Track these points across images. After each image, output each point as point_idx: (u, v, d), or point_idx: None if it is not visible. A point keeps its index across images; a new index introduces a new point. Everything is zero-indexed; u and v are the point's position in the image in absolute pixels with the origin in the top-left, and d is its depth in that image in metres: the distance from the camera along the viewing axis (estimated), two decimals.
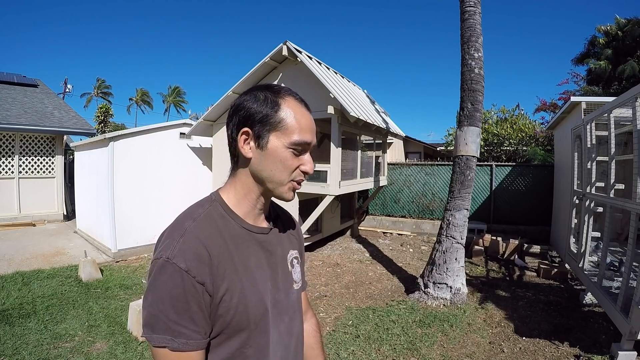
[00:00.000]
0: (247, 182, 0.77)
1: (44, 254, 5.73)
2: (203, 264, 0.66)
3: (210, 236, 0.70)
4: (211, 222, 0.72)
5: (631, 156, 3.02)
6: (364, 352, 3.12)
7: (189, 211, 0.75)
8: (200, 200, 0.79)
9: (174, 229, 0.71)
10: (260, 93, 0.75)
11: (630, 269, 2.94)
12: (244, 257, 0.74)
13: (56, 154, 8.74)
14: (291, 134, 0.73)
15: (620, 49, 11.19)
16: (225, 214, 0.75)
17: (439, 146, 15.34)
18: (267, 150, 0.73)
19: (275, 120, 0.73)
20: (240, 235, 0.75)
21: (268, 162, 0.74)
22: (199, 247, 0.67)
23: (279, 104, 0.74)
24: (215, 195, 0.78)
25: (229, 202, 0.77)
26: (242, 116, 0.74)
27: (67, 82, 24.38)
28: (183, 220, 0.72)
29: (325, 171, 5.60)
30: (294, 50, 5.58)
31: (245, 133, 0.73)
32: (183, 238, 0.67)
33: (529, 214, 8.04)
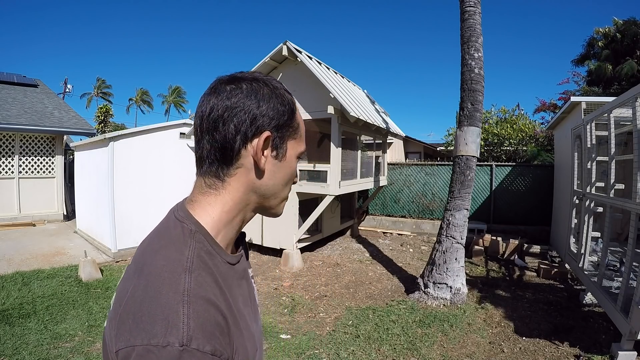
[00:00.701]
0: (244, 200, 0.60)
1: (44, 254, 5.73)
2: (225, 334, 0.49)
3: (215, 292, 0.51)
4: (207, 269, 0.53)
5: (631, 156, 3.02)
6: (364, 352, 3.12)
7: (168, 256, 0.51)
8: (169, 230, 0.56)
9: (159, 293, 0.46)
10: (265, 87, 0.60)
11: (630, 269, 2.94)
12: (236, 301, 0.57)
13: (56, 154, 8.74)
14: (302, 141, 0.65)
15: (619, 50, 11.21)
16: (212, 250, 0.56)
17: (439, 146, 15.34)
18: (284, 161, 0.62)
19: (294, 125, 0.63)
20: (227, 273, 0.57)
21: (281, 175, 0.62)
22: (215, 314, 0.48)
23: (294, 103, 0.64)
24: (191, 221, 0.56)
25: (212, 229, 0.57)
26: (256, 116, 0.58)
27: (67, 82, 24.38)
28: (171, 276, 0.48)
29: (325, 171, 5.61)
30: (294, 50, 5.58)
31: (267, 139, 0.58)
32: (191, 307, 0.46)
33: (529, 214, 8.05)
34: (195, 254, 0.52)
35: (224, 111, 0.57)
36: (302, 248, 6.07)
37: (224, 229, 0.59)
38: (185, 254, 0.51)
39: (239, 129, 0.57)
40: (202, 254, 0.54)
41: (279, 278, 5.13)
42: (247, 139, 0.57)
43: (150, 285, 0.47)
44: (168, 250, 0.52)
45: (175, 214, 0.59)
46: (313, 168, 5.76)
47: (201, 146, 0.59)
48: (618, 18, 11.43)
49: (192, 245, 0.53)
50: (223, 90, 0.58)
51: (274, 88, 0.61)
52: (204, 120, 0.58)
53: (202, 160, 0.60)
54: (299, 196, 5.87)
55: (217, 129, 0.57)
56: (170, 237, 0.54)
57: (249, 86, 0.59)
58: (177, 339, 0.43)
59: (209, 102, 0.58)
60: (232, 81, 0.59)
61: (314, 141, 7.13)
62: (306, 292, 4.58)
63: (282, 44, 5.63)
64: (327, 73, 6.32)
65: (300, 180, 5.83)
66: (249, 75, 0.61)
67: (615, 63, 11.10)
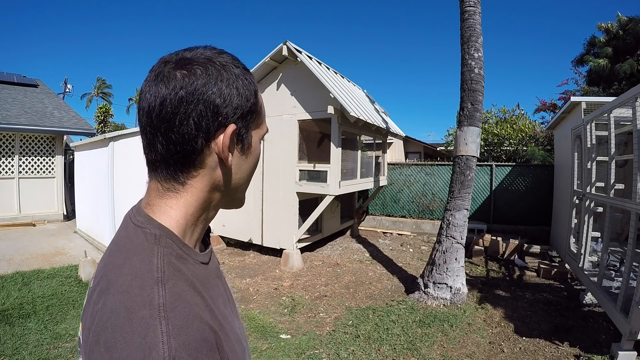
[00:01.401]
0: (208, 199, 0.53)
1: (44, 254, 5.73)
2: (214, 350, 0.43)
3: (195, 302, 0.45)
4: (181, 276, 0.46)
5: (631, 156, 3.02)
6: (364, 352, 3.12)
7: (134, 267, 0.44)
8: (134, 240, 0.48)
9: (130, 310, 0.40)
10: (224, 70, 0.50)
11: (630, 269, 2.94)
12: (217, 304, 0.51)
13: (56, 154, 8.74)
14: (264, 124, 0.58)
15: (621, 47, 11.16)
16: (183, 253, 0.49)
17: (439, 146, 15.34)
18: (250, 150, 0.55)
19: (258, 109, 0.55)
20: (202, 275, 0.51)
21: (247, 166, 0.56)
22: (200, 327, 0.43)
23: (255, 84, 0.55)
24: (153, 225, 0.49)
25: (179, 231, 0.50)
26: (219, 107, 0.49)
27: (67, 82, 24.42)
28: (141, 290, 0.42)
29: (325, 171, 5.61)
30: (294, 50, 5.58)
31: (234, 134, 0.51)
32: (170, 323, 0.40)
33: (529, 214, 8.05)
34: (165, 261, 0.46)
35: (178, 105, 0.47)
36: (302, 248, 6.07)
37: (189, 231, 0.52)
38: (154, 263, 0.45)
39: (200, 126, 0.47)
40: (173, 259, 0.47)
41: (279, 278, 5.13)
42: (210, 136, 0.49)
43: (120, 305, 0.41)
44: (133, 262, 0.45)
45: (132, 220, 0.51)
46: (313, 168, 5.76)
47: (154, 149, 0.50)
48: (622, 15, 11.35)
49: (160, 251, 0.46)
50: (173, 77, 0.47)
51: (233, 67, 0.51)
52: (154, 117, 0.48)
53: (155, 164, 0.51)
54: (299, 196, 5.87)
55: (173, 128, 0.47)
56: (133, 247, 0.47)
57: (204, 70, 0.48)
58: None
59: (157, 93, 0.47)
60: (182, 65, 0.49)
61: (314, 141, 7.13)
62: (306, 292, 4.58)
63: (282, 44, 5.63)
64: (327, 73, 6.32)
65: (300, 180, 5.83)
66: (201, 56, 0.50)
67: (616, 61, 11.06)
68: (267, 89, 6.26)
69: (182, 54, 0.51)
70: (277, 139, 6.05)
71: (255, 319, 3.74)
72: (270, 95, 6.22)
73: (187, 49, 0.52)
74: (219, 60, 0.51)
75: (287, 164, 5.94)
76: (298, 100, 5.86)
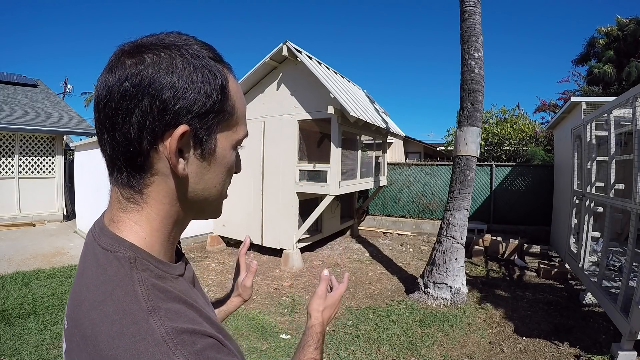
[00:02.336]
0: (172, 213, 0.47)
1: (44, 254, 5.73)
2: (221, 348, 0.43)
3: (190, 314, 0.43)
4: (168, 295, 0.43)
5: (631, 156, 3.02)
6: (364, 352, 3.12)
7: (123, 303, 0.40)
8: (108, 269, 0.43)
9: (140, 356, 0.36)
10: (180, 57, 0.43)
11: (630, 269, 2.94)
12: (207, 309, 0.50)
13: (56, 154, 8.74)
14: (241, 127, 0.49)
15: (622, 49, 11.14)
16: (159, 271, 0.45)
17: (439, 146, 15.34)
18: (214, 157, 0.46)
19: (226, 108, 0.46)
20: (183, 288, 0.48)
21: (212, 176, 0.47)
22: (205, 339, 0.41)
23: (226, 76, 0.46)
24: (126, 247, 0.44)
25: (150, 248, 0.46)
26: (166, 103, 0.41)
27: (67, 82, 24.38)
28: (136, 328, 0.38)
29: (325, 171, 5.60)
30: (294, 50, 5.58)
31: (183, 136, 0.42)
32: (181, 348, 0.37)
33: (529, 214, 8.04)
34: (147, 285, 0.41)
35: (121, 99, 0.41)
36: (302, 248, 6.07)
37: (158, 246, 0.47)
38: (138, 293, 0.40)
39: (143, 124, 0.41)
40: (155, 281, 0.43)
41: (279, 278, 5.13)
42: (156, 137, 0.42)
43: (121, 353, 0.36)
44: (115, 297, 0.40)
45: (99, 242, 0.46)
46: (313, 168, 5.76)
47: (103, 147, 0.45)
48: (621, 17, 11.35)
49: (139, 277, 0.42)
50: (122, 66, 0.42)
51: (193, 57, 0.43)
52: (100, 111, 0.42)
53: (108, 166, 0.46)
54: (299, 196, 5.87)
55: (116, 125, 0.41)
56: (109, 278, 0.42)
57: (155, 58, 0.42)
58: None
59: (104, 84, 0.42)
60: (134, 52, 0.42)
61: (314, 141, 7.13)
62: (306, 292, 4.58)
63: (282, 44, 5.63)
64: (327, 73, 6.32)
65: (300, 180, 5.83)
66: (159, 41, 0.44)
67: (619, 63, 11.04)
68: (267, 89, 6.26)
69: (140, 40, 0.44)
70: (277, 139, 6.05)
71: (255, 319, 3.74)
72: (270, 95, 6.23)
73: (151, 34, 0.46)
74: (178, 45, 0.43)
75: (287, 164, 5.94)
76: (298, 100, 5.86)
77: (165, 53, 0.42)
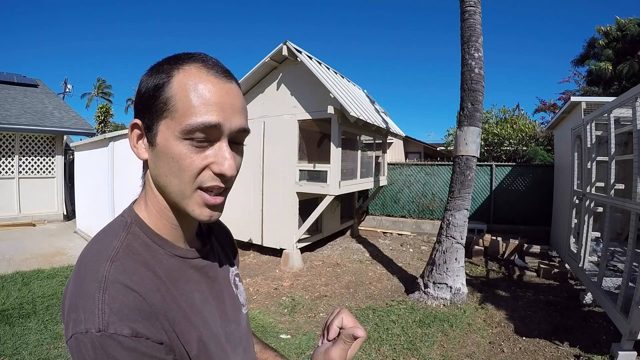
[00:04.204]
0: (154, 193, 0.56)
1: (44, 254, 5.73)
2: (150, 319, 0.47)
3: (141, 279, 0.49)
4: (136, 258, 0.51)
5: (631, 156, 3.02)
6: (364, 352, 3.12)
7: (98, 247, 0.52)
8: (110, 224, 0.56)
9: (83, 282, 0.47)
10: (155, 65, 0.53)
11: (630, 268, 2.94)
12: (187, 295, 0.55)
13: (56, 154, 8.74)
14: (183, 116, 0.49)
15: (621, 49, 11.17)
16: (150, 241, 0.54)
17: (439, 146, 15.34)
18: (157, 146, 0.52)
19: (161, 101, 0.50)
20: (175, 267, 0.55)
21: (162, 164, 0.52)
22: (135, 299, 0.47)
23: (171, 75, 0.51)
24: (130, 215, 0.56)
25: (150, 221, 0.56)
26: (136, 103, 0.54)
27: (67, 82, 24.41)
28: (94, 265, 0.48)
29: (325, 171, 5.60)
30: (294, 50, 5.58)
31: (135, 126, 0.54)
32: (106, 292, 0.45)
33: (529, 214, 8.04)
34: (124, 244, 0.52)
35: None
36: (302, 248, 6.07)
37: (160, 223, 0.56)
38: (113, 244, 0.51)
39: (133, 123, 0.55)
40: (135, 244, 0.53)
41: (279, 278, 5.13)
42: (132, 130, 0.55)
43: (77, 277, 0.49)
44: (100, 242, 0.53)
45: (123, 210, 0.59)
46: (313, 168, 5.76)
47: None
48: (620, 17, 11.37)
49: (123, 236, 0.53)
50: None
51: (157, 63, 0.54)
52: None
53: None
54: (299, 196, 5.87)
55: None
56: (107, 231, 0.55)
57: (149, 69, 0.54)
58: (94, 325, 0.43)
59: None
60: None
61: (314, 141, 7.13)
62: (306, 292, 4.58)
63: (282, 44, 5.63)
64: (327, 73, 6.32)
65: (300, 180, 5.83)
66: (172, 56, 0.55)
67: (617, 62, 11.06)
68: (267, 89, 6.26)
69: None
70: (277, 139, 6.05)
71: (255, 319, 3.74)
72: (270, 95, 6.23)
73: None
74: (176, 55, 0.54)
75: (287, 164, 5.94)
76: (298, 100, 5.86)
77: (156, 63, 0.54)
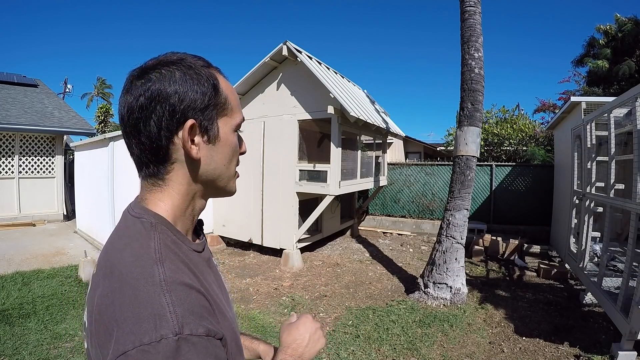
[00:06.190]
0: (190, 191, 0.59)
1: (44, 254, 5.73)
2: (213, 315, 0.49)
3: (191, 276, 0.51)
4: (177, 256, 0.53)
5: (631, 156, 3.02)
6: (364, 352, 3.12)
7: (134, 251, 0.50)
8: (127, 229, 0.55)
9: (137, 290, 0.45)
10: (177, 70, 0.55)
11: (630, 268, 2.94)
12: (211, 286, 0.57)
13: (56, 154, 8.74)
14: (236, 113, 0.61)
15: (619, 48, 11.15)
16: (177, 239, 0.56)
17: (439, 146, 15.33)
18: (219, 141, 0.59)
19: (221, 101, 0.58)
20: (197, 260, 0.58)
21: (221, 156, 0.59)
22: (197, 296, 0.48)
23: (217, 79, 0.59)
24: (150, 215, 0.55)
25: (170, 220, 0.57)
26: (174, 106, 0.53)
27: (67, 82, 24.42)
28: (142, 270, 0.47)
29: (325, 171, 5.60)
30: (294, 50, 5.58)
31: (192, 128, 0.55)
32: (172, 294, 0.45)
33: (529, 214, 8.04)
34: (161, 244, 0.52)
35: (140, 110, 0.53)
36: (302, 248, 6.07)
37: (179, 221, 0.59)
38: (152, 246, 0.51)
39: (160, 125, 0.53)
40: (169, 243, 0.53)
41: (279, 278, 5.13)
42: (171, 133, 0.54)
43: (125, 285, 0.46)
44: (133, 247, 0.51)
45: (130, 212, 0.57)
46: (313, 168, 5.76)
47: (132, 151, 0.57)
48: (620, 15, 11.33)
49: (156, 236, 0.52)
50: (135, 87, 0.54)
51: (187, 68, 0.56)
52: (126, 123, 0.55)
53: (138, 165, 0.58)
54: (299, 196, 5.87)
55: (140, 131, 0.54)
56: (132, 234, 0.53)
57: (158, 75, 0.54)
58: (170, 330, 0.42)
59: (124, 102, 0.55)
60: (141, 75, 0.55)
61: (314, 141, 7.13)
62: (306, 292, 4.58)
63: (282, 44, 5.63)
64: (327, 73, 6.32)
65: (300, 180, 5.83)
66: (158, 62, 0.56)
67: (615, 62, 11.06)
68: (267, 89, 6.26)
69: (145, 65, 0.57)
70: (277, 139, 6.05)
71: (255, 319, 3.74)
72: (270, 95, 6.22)
73: (152, 58, 0.58)
74: (174, 61, 0.56)
75: (287, 164, 5.94)
76: (298, 100, 5.86)
77: (165, 69, 0.55)
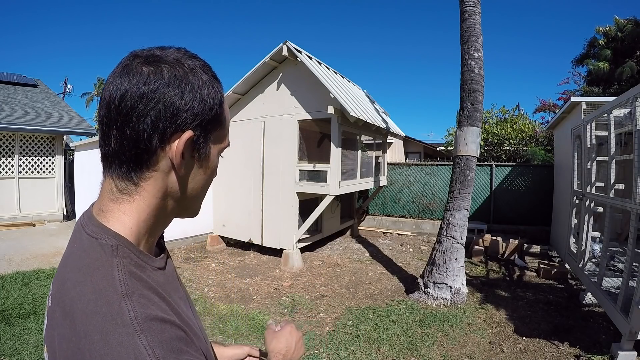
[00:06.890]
0: (161, 206, 0.51)
1: (44, 254, 5.73)
2: (191, 343, 0.47)
3: (162, 305, 0.46)
4: (143, 284, 0.46)
5: (631, 156, 3.02)
6: (364, 352, 3.12)
7: (94, 285, 0.43)
8: (91, 253, 0.46)
9: (105, 334, 0.39)
10: (191, 75, 0.49)
11: (630, 269, 2.94)
12: (179, 306, 0.52)
13: (56, 154, 8.74)
14: (227, 137, 0.57)
15: (620, 49, 11.17)
16: (140, 261, 0.49)
17: (439, 146, 15.33)
18: (206, 161, 0.53)
19: (222, 120, 0.53)
20: (161, 280, 0.51)
21: (202, 177, 0.54)
22: (172, 330, 0.44)
23: (222, 94, 0.54)
24: (109, 235, 0.47)
25: (134, 238, 0.49)
26: (179, 110, 0.47)
27: (67, 82, 24.40)
28: (108, 308, 0.41)
29: (325, 171, 5.60)
30: (294, 50, 5.58)
31: (189, 140, 0.48)
32: (147, 333, 0.40)
33: (529, 214, 8.04)
34: (125, 271, 0.45)
35: (138, 100, 0.45)
36: (302, 248, 6.07)
37: (144, 238, 0.51)
38: (115, 276, 0.44)
39: (156, 126, 0.46)
40: (133, 269, 0.46)
41: (279, 278, 5.13)
42: (165, 138, 0.47)
43: (92, 330, 0.40)
44: (94, 279, 0.43)
45: (86, 230, 0.49)
46: (313, 168, 5.76)
47: (108, 142, 0.47)
48: (619, 17, 11.37)
49: (119, 262, 0.45)
50: (138, 72, 0.46)
51: (202, 74, 0.50)
52: (113, 108, 0.46)
53: (108, 159, 0.49)
54: (299, 196, 5.87)
55: (129, 123, 0.45)
56: (91, 262, 0.45)
57: (171, 71, 0.47)
58: None
59: (119, 85, 0.46)
60: (150, 61, 0.48)
61: (314, 141, 7.13)
62: (306, 292, 4.58)
63: (282, 44, 5.63)
64: (327, 73, 6.32)
65: (300, 180, 5.83)
66: (171, 56, 0.49)
67: (615, 63, 11.07)
68: (267, 89, 6.26)
69: (153, 51, 0.50)
70: (277, 139, 6.05)
71: (255, 319, 3.74)
72: (270, 95, 6.22)
73: (159, 47, 0.51)
74: (188, 64, 0.50)
75: (287, 164, 5.94)
76: (298, 100, 5.86)
77: (180, 67, 0.48)
